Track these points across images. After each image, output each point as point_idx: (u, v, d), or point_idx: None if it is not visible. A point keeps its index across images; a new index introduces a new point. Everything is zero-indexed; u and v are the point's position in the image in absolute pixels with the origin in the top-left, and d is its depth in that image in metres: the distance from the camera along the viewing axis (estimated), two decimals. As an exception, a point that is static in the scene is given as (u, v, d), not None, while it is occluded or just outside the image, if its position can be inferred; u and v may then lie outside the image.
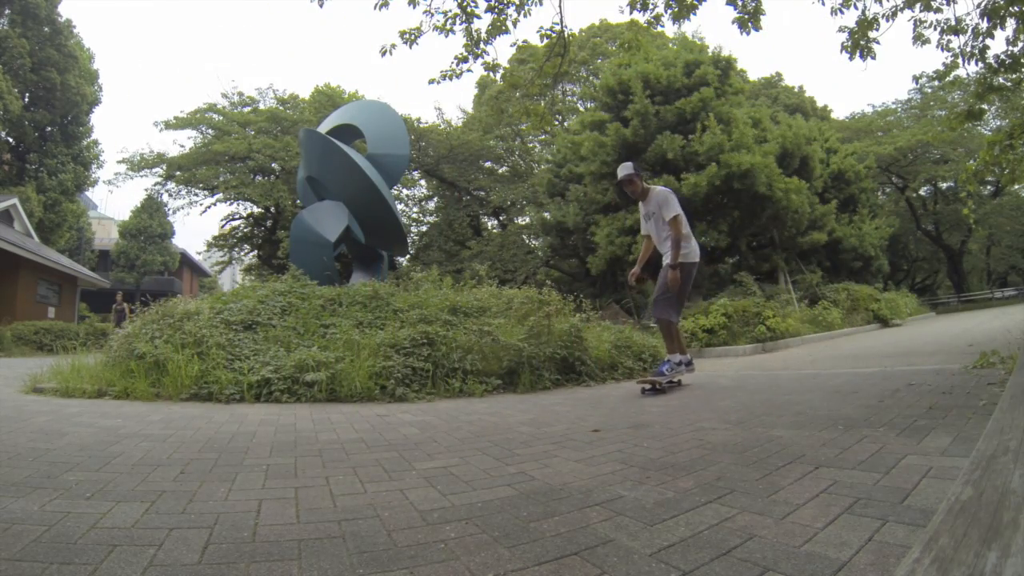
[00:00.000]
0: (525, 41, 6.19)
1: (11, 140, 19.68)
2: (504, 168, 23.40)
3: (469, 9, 4.29)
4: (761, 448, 1.80)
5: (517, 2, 4.36)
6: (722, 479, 1.47)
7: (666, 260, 3.89)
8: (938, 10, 4.51)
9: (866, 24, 4.41)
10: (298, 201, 15.00)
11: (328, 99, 20.86)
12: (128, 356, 4.17)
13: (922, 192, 26.19)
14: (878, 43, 4.48)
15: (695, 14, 4.34)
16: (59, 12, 20.32)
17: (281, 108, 21.74)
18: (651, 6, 4.39)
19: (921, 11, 4.53)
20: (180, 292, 30.82)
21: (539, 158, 22.84)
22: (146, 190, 30.02)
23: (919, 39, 4.67)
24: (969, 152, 20.55)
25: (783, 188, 11.62)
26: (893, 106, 26.24)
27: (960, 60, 4.69)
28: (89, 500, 1.40)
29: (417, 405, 3.54)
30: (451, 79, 4.51)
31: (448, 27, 4.32)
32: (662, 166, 12.06)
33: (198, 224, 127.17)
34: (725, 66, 13.35)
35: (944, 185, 24.90)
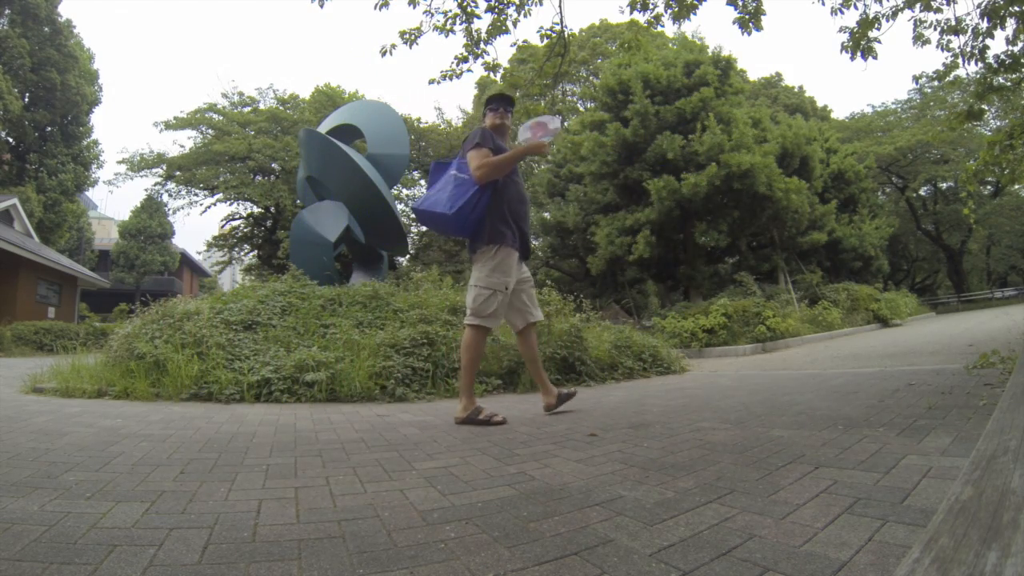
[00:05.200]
0: (525, 41, 6.18)
1: (11, 140, 19.69)
2: (504, 168, 23.36)
3: (469, 9, 4.29)
4: (761, 448, 1.80)
5: (517, 2, 4.36)
6: (722, 479, 1.47)
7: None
8: (938, 10, 4.51)
9: (867, 24, 4.41)
10: (298, 201, 15.00)
11: (328, 99, 20.86)
12: (128, 356, 4.17)
13: (922, 192, 26.20)
14: (879, 42, 4.48)
15: (695, 14, 4.34)
16: (59, 12, 20.34)
17: (281, 108, 21.74)
18: (651, 6, 4.40)
19: (921, 11, 4.53)
20: (180, 292, 30.83)
21: (539, 158, 22.83)
22: (146, 190, 30.03)
23: (919, 39, 4.67)
24: (969, 152, 20.57)
25: (783, 188, 11.63)
26: (893, 106, 26.26)
27: (960, 60, 4.69)
28: (89, 500, 1.40)
29: (417, 405, 3.54)
30: (451, 79, 4.51)
31: (448, 27, 4.32)
32: (662, 166, 12.06)
33: (198, 224, 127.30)
34: (725, 66, 13.35)
35: (944, 185, 24.91)
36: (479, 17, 4.34)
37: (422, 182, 24.01)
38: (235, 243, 22.51)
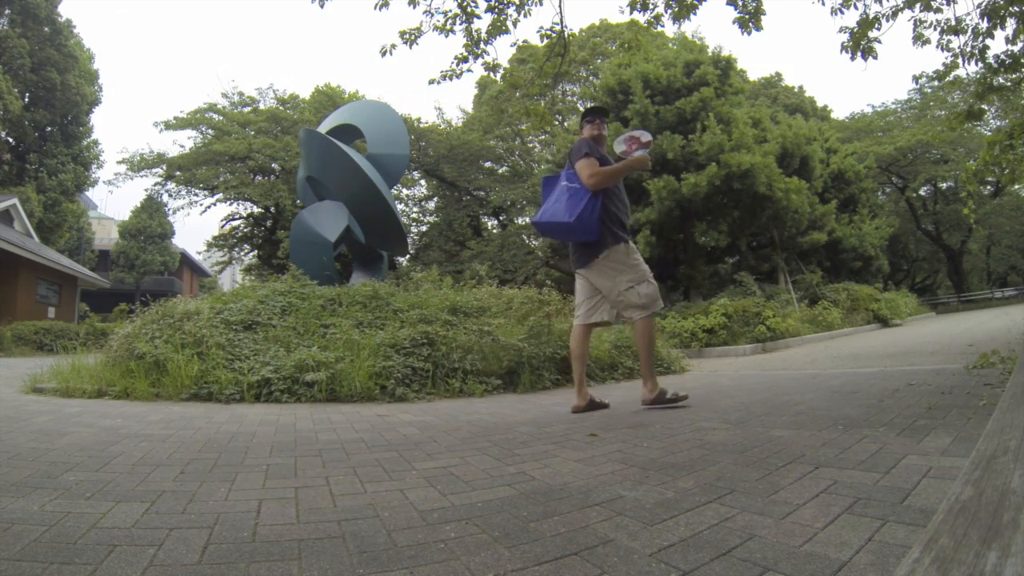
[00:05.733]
0: (525, 41, 6.18)
1: (11, 140, 19.69)
2: (504, 168, 23.38)
3: (469, 9, 4.28)
4: (761, 448, 1.80)
5: (517, 2, 4.36)
6: (722, 479, 1.47)
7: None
8: (938, 10, 4.51)
9: (867, 24, 4.41)
10: (298, 201, 15.00)
11: (328, 99, 20.84)
12: (128, 356, 4.17)
13: (922, 192, 26.18)
14: (879, 42, 4.48)
15: (695, 14, 4.34)
16: (59, 12, 20.33)
17: (281, 108, 21.71)
18: (651, 6, 4.39)
19: (921, 11, 4.53)
20: (180, 292, 30.85)
21: (539, 158, 22.81)
22: (146, 190, 30.02)
23: (919, 39, 4.67)
24: (969, 152, 20.56)
25: (783, 188, 11.62)
26: (893, 106, 26.25)
27: (960, 60, 4.69)
28: (89, 500, 1.40)
29: (417, 405, 3.54)
30: (451, 79, 4.51)
31: (448, 27, 4.32)
32: (662, 166, 12.06)
33: (198, 224, 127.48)
34: (725, 66, 13.33)
35: (944, 185, 24.90)
36: (479, 17, 4.33)
37: (422, 182, 24.02)
38: (235, 243, 22.48)
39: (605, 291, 2.95)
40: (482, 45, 4.41)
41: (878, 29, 4.44)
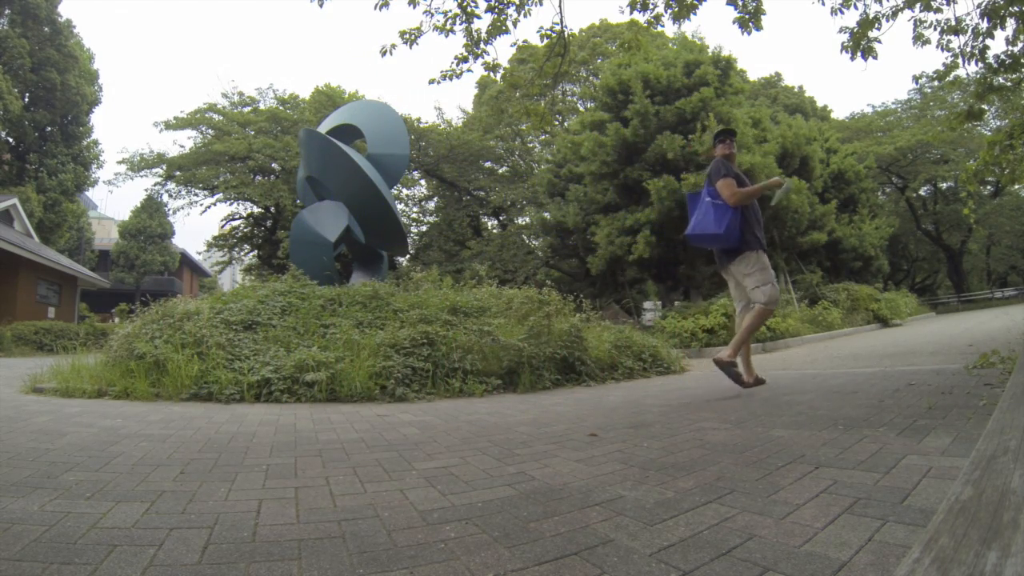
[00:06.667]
0: (525, 41, 6.18)
1: (11, 140, 19.68)
2: (504, 168, 23.39)
3: (469, 9, 4.28)
4: (761, 448, 1.80)
5: (517, 2, 4.36)
6: (722, 479, 1.47)
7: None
8: (938, 10, 4.51)
9: (867, 24, 4.41)
10: (298, 201, 15.00)
11: (328, 99, 20.83)
12: (128, 356, 4.17)
13: (922, 192, 26.18)
14: (879, 42, 4.48)
15: (695, 14, 4.34)
16: (59, 12, 20.33)
17: (281, 108, 21.71)
18: (651, 6, 4.39)
19: (921, 11, 4.53)
20: (180, 292, 30.84)
21: (539, 158, 22.83)
22: (146, 190, 30.04)
23: (919, 39, 4.67)
24: (969, 152, 20.57)
25: (783, 188, 11.61)
26: (893, 106, 26.25)
27: (960, 60, 4.69)
28: (89, 500, 1.40)
29: (417, 405, 3.54)
30: (451, 79, 4.51)
31: (448, 27, 4.32)
32: (662, 166, 12.06)
33: (198, 224, 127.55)
34: (725, 66, 13.34)
35: (944, 185, 24.90)
36: (479, 17, 4.33)
37: (422, 182, 24.02)
38: (235, 243, 22.48)
39: (740, 284, 3.44)
40: (482, 45, 4.41)
41: (878, 29, 4.44)
